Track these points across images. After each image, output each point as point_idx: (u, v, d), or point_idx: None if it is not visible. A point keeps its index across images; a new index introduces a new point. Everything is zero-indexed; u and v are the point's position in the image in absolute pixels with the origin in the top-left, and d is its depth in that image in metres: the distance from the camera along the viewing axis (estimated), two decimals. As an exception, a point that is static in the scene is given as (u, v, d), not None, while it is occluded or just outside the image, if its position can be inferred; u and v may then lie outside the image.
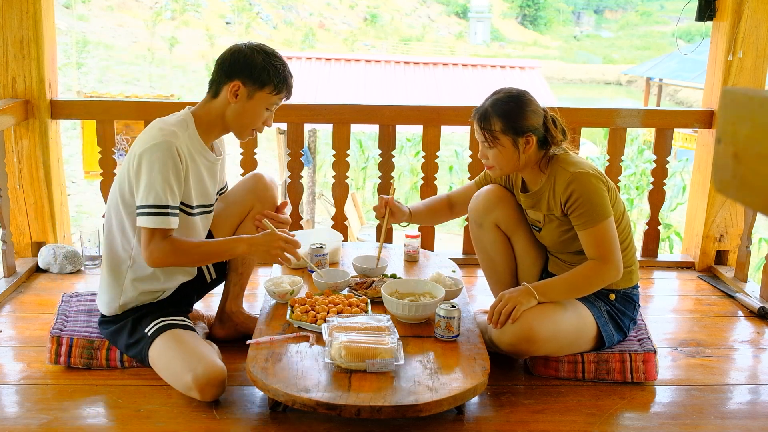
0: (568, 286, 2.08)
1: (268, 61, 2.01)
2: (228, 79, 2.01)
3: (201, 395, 1.93)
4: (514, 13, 36.88)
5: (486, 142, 2.10)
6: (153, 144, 1.93)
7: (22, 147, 3.01)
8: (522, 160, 2.10)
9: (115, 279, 2.11)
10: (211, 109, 2.07)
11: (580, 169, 2.05)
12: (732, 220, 3.23)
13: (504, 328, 2.03)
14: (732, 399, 2.15)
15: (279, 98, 2.05)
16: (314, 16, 29.90)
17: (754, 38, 3.03)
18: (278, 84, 2.02)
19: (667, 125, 3.26)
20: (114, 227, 2.10)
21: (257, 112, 2.05)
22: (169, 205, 1.94)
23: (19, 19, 2.90)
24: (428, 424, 1.88)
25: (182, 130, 2.01)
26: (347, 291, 2.33)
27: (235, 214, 2.26)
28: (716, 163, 0.71)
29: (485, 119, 2.09)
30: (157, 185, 1.92)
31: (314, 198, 8.99)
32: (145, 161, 1.93)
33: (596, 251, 2.04)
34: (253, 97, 2.02)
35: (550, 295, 2.07)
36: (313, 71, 9.79)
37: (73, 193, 10.45)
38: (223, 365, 1.98)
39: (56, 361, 2.15)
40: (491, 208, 2.26)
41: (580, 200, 2.03)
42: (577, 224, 2.06)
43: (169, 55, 21.11)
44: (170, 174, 1.93)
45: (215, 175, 2.19)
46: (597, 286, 2.07)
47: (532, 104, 2.11)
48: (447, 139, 11.97)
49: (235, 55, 2.02)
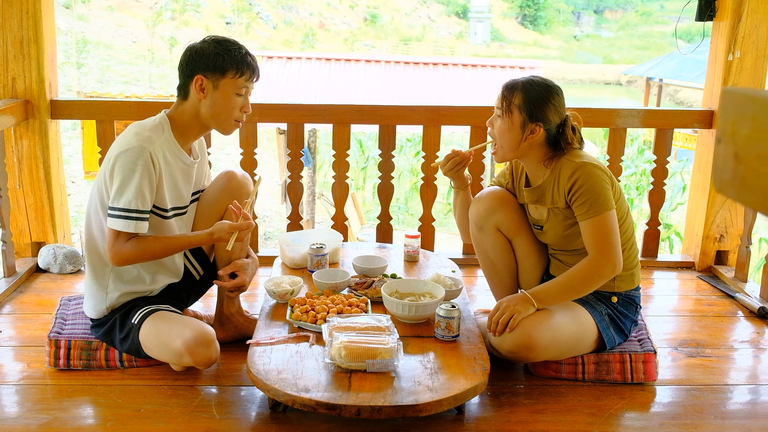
0: (565, 288, 2.07)
1: (220, 47, 2.03)
2: (190, 78, 2.04)
3: (193, 359, 1.94)
4: (514, 13, 36.89)
5: (500, 109, 2.10)
6: (128, 148, 1.96)
7: (22, 147, 3.01)
8: (522, 148, 2.10)
9: (99, 282, 2.13)
10: (185, 110, 2.09)
11: (586, 160, 2.05)
12: (732, 220, 3.23)
13: (503, 335, 2.03)
14: (732, 399, 2.15)
15: (245, 80, 2.06)
16: (314, 16, 29.91)
17: (754, 38, 3.03)
18: (238, 66, 2.04)
19: (667, 125, 3.26)
20: (94, 230, 2.11)
21: (228, 100, 2.06)
22: (138, 210, 1.96)
23: (19, 19, 2.90)
24: (428, 424, 1.88)
25: (158, 134, 2.04)
26: (347, 291, 2.33)
27: (212, 214, 2.24)
28: (716, 163, 0.71)
29: (511, 89, 2.10)
30: (128, 190, 1.95)
31: (314, 198, 8.99)
32: (119, 165, 1.96)
33: (596, 244, 2.03)
34: (218, 86, 2.04)
35: (548, 300, 2.06)
36: (313, 71, 9.78)
37: (73, 193, 10.45)
38: (211, 328, 2.01)
39: (55, 364, 2.15)
40: (492, 211, 2.26)
41: (584, 188, 2.02)
42: (579, 213, 2.05)
43: (169, 55, 21.10)
44: (143, 180, 1.96)
45: (191, 177, 2.19)
46: (595, 284, 2.06)
47: (559, 101, 2.11)
48: (447, 139, 11.97)
49: (190, 53, 2.06)
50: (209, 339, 1.97)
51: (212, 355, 1.98)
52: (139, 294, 2.15)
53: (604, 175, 2.05)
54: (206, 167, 2.36)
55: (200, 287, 2.36)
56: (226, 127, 2.12)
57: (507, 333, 2.01)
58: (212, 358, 1.98)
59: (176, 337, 1.96)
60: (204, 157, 2.32)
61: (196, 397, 2.01)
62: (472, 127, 3.17)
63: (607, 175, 2.07)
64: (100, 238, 2.09)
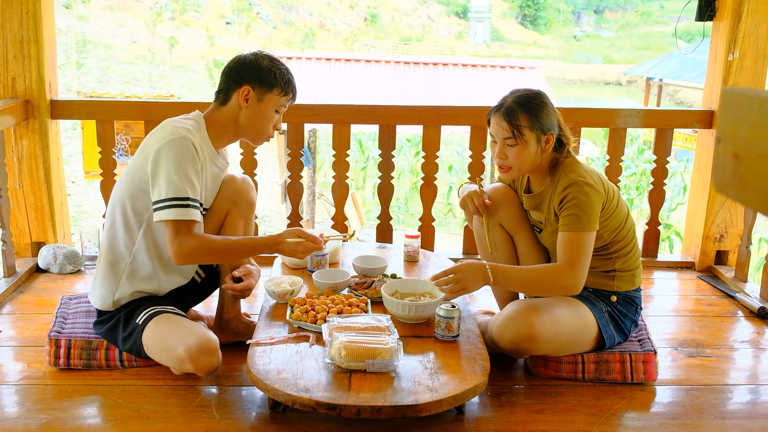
0: (526, 279, 2.07)
1: (273, 64, 2.10)
2: (237, 85, 2.07)
3: (195, 367, 1.93)
4: (514, 13, 36.87)
5: (512, 138, 2.06)
6: (171, 139, 1.96)
7: (22, 147, 3.01)
8: (538, 160, 2.10)
9: (113, 274, 2.12)
10: (221, 115, 2.10)
11: (582, 177, 2.04)
12: (732, 220, 3.23)
13: (505, 326, 2.04)
14: (732, 399, 2.15)
15: (286, 99, 2.12)
16: (314, 16, 29.90)
17: (754, 38, 3.03)
18: (285, 85, 2.10)
19: (667, 125, 3.26)
20: (117, 222, 2.10)
21: (268, 114, 2.10)
22: (189, 197, 1.95)
23: (19, 19, 2.90)
24: (428, 424, 1.88)
25: (195, 130, 2.05)
26: (347, 291, 2.33)
27: (213, 219, 2.23)
28: (716, 163, 0.71)
29: (511, 114, 2.06)
30: (176, 178, 1.93)
31: (314, 198, 8.99)
32: (164, 156, 1.95)
33: (567, 255, 2.02)
34: (262, 99, 2.08)
35: (504, 281, 2.07)
36: (313, 71, 9.79)
37: (73, 193, 10.45)
38: (215, 336, 2.00)
39: (55, 364, 2.15)
40: (496, 206, 2.26)
41: (573, 203, 2.02)
42: (562, 224, 2.05)
43: (169, 55, 21.10)
44: (189, 167, 1.96)
45: (218, 183, 2.21)
46: (551, 290, 2.06)
47: (550, 102, 2.12)
48: (447, 139, 11.98)
49: (242, 62, 2.09)
50: (212, 347, 1.96)
51: (214, 364, 1.97)
52: (148, 293, 2.14)
53: (595, 194, 2.03)
54: None
55: (203, 291, 2.35)
56: (258, 139, 2.16)
57: (510, 323, 2.02)
58: (214, 366, 1.97)
59: (179, 343, 1.94)
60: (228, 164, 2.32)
61: (196, 397, 2.01)
62: (472, 127, 3.17)
63: (601, 192, 2.05)
64: (122, 230, 2.09)
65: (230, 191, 2.23)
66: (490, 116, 2.13)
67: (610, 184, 2.13)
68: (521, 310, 2.04)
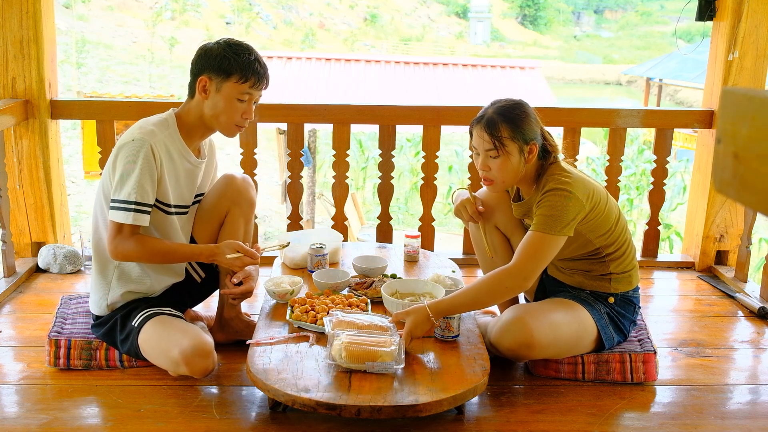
0: (472, 296, 2.00)
1: (230, 50, 2.02)
2: (196, 77, 2.05)
3: (190, 369, 1.93)
4: (514, 13, 36.87)
5: (494, 149, 2.04)
6: (129, 141, 1.98)
7: (22, 147, 3.01)
8: (522, 171, 2.08)
9: (103, 278, 2.14)
10: (190, 109, 2.10)
11: (562, 185, 2.01)
12: (732, 220, 3.23)
13: (503, 333, 2.03)
14: (732, 399, 2.15)
15: (248, 86, 2.04)
16: (314, 16, 29.90)
17: (754, 38, 3.03)
18: (243, 71, 2.01)
19: (667, 125, 3.26)
20: (100, 225, 2.12)
21: (229, 104, 2.04)
22: (138, 202, 1.96)
23: (19, 19, 2.90)
24: (428, 424, 1.88)
25: (161, 129, 2.04)
26: (347, 291, 2.33)
27: (211, 218, 2.23)
28: (716, 163, 0.71)
29: (492, 125, 2.03)
30: (128, 182, 1.96)
31: (314, 198, 8.99)
32: (120, 157, 1.98)
33: (520, 253, 1.99)
34: (221, 89, 2.03)
35: (451, 310, 1.99)
36: (313, 71, 9.78)
37: (73, 193, 10.46)
38: (210, 338, 2.00)
39: (55, 364, 2.15)
40: (490, 212, 2.26)
41: (548, 205, 2.00)
42: (533, 222, 2.03)
43: (169, 55, 21.10)
44: (143, 172, 1.96)
45: (195, 178, 2.18)
46: (502, 292, 2.01)
47: (532, 111, 2.10)
48: (447, 139, 11.97)
49: (200, 52, 2.06)
50: (207, 350, 1.96)
51: (209, 366, 1.96)
52: (141, 294, 2.15)
53: (573, 202, 1.99)
54: (213, 170, 2.33)
55: (202, 290, 2.35)
56: (227, 131, 2.11)
57: (508, 330, 2.02)
58: (209, 369, 1.97)
59: (174, 345, 1.94)
60: (212, 159, 2.30)
61: (196, 397, 2.01)
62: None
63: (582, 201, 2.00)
64: (105, 234, 2.09)
65: (230, 191, 2.23)
66: (471, 128, 2.11)
67: (599, 190, 2.09)
68: (519, 317, 2.03)
